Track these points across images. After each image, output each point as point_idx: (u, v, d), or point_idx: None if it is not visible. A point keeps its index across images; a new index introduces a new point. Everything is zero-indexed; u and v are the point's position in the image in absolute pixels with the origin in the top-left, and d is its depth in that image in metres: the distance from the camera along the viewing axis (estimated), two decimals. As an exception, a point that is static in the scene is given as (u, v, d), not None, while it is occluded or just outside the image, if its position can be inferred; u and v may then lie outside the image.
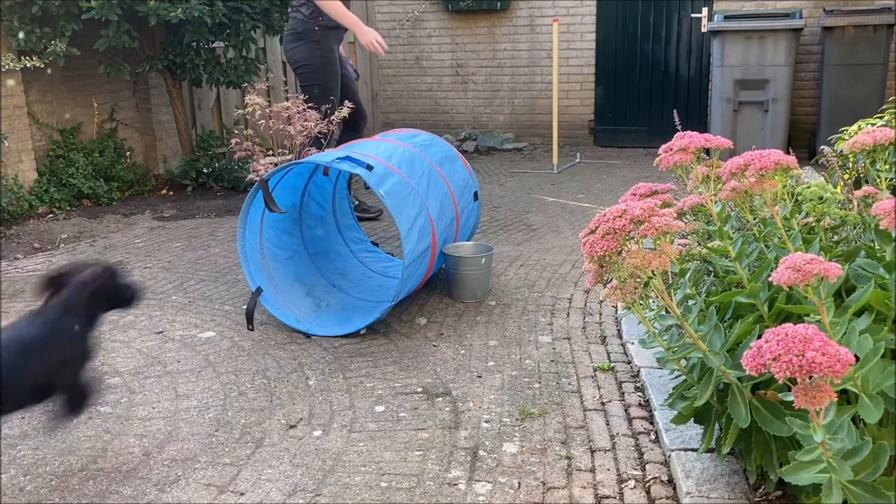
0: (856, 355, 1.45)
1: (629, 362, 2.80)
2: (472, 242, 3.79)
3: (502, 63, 7.93)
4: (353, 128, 4.84)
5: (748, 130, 6.39)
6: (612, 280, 1.79)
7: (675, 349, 1.90)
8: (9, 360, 1.83)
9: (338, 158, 3.01)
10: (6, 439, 2.34)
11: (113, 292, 2.11)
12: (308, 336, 3.09)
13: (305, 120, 4.80)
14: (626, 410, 2.45)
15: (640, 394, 2.55)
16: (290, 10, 4.75)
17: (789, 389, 1.35)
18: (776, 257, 1.84)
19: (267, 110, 5.39)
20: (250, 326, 3.16)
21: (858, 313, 1.64)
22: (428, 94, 8.23)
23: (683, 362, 1.99)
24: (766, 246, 1.98)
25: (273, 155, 5.50)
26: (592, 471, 2.11)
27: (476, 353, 2.91)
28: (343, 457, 2.21)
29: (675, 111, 4.78)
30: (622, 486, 2.04)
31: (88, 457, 2.23)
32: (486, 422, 2.39)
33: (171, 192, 6.02)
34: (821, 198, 1.90)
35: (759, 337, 1.36)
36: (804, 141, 6.92)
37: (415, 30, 8.05)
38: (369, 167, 3.00)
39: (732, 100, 6.39)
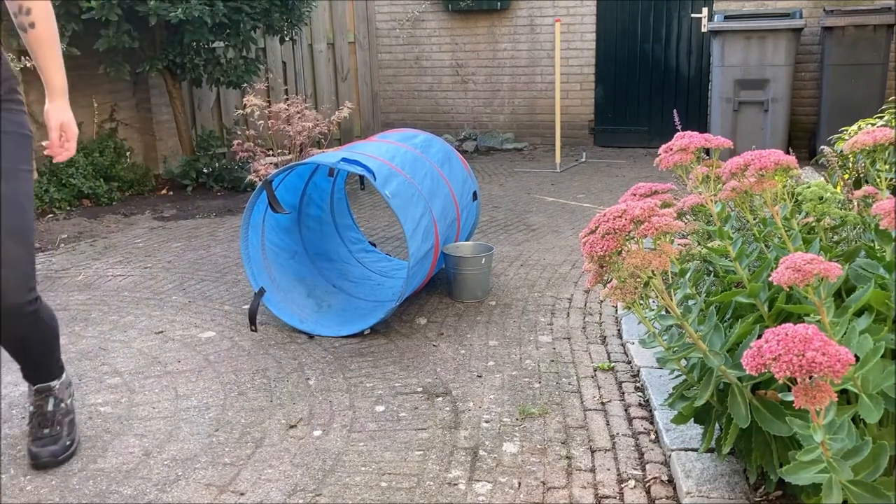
0: (856, 355, 1.45)
1: (629, 362, 2.80)
2: (472, 242, 3.79)
3: (502, 63, 7.93)
4: None
5: (748, 130, 6.39)
6: (612, 280, 1.79)
7: (675, 349, 1.90)
8: None
9: (342, 160, 3.01)
10: (6, 439, 2.34)
11: None
12: (311, 336, 3.09)
13: (305, 120, 4.80)
14: (626, 410, 2.45)
15: (640, 394, 2.55)
16: None
17: (789, 389, 1.35)
18: (776, 257, 1.84)
19: (266, 111, 5.40)
20: (253, 327, 3.16)
21: (858, 313, 1.64)
22: (428, 94, 8.23)
23: (683, 362, 1.99)
24: (766, 246, 1.98)
25: (273, 155, 5.51)
26: (592, 471, 2.11)
27: (476, 353, 2.91)
28: (343, 457, 2.21)
29: (675, 111, 4.79)
30: (622, 486, 2.04)
31: (88, 457, 2.23)
32: (486, 422, 2.39)
33: (171, 192, 6.02)
34: (821, 198, 1.90)
35: (759, 337, 1.36)
36: (804, 141, 6.92)
37: (415, 30, 8.05)
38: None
39: (732, 100, 6.39)
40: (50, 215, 5.22)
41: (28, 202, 2.02)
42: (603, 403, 2.50)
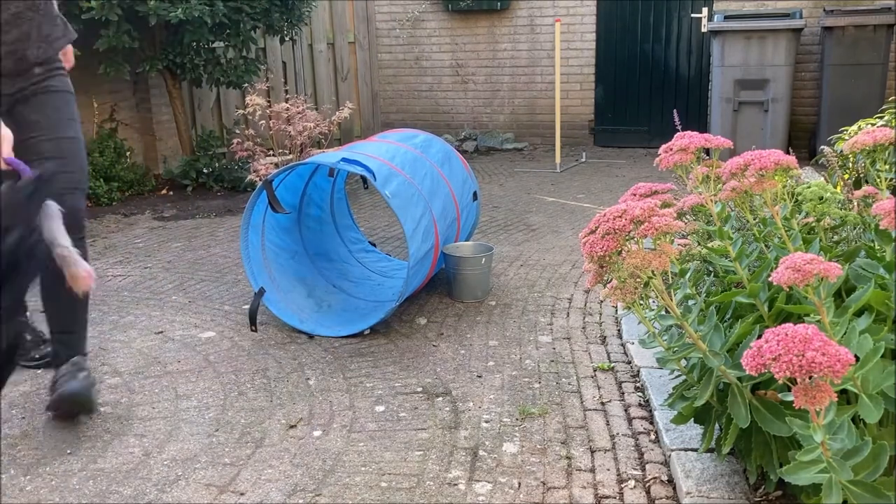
0: (856, 355, 1.45)
1: (629, 362, 2.80)
2: (472, 242, 3.79)
3: (502, 63, 7.93)
4: None
5: (748, 130, 6.39)
6: (612, 280, 1.79)
7: (675, 349, 1.90)
8: None
9: (343, 160, 3.01)
10: (6, 439, 2.34)
11: None
12: (311, 336, 3.09)
13: (305, 120, 4.80)
14: (626, 410, 2.45)
15: (640, 394, 2.55)
16: None
17: (789, 389, 1.35)
18: (776, 257, 1.84)
19: (267, 111, 5.40)
20: (253, 327, 3.16)
21: (858, 313, 1.64)
22: (428, 94, 8.23)
23: (683, 362, 1.99)
24: (766, 246, 1.98)
25: (273, 155, 5.51)
26: (592, 471, 2.11)
27: (476, 353, 2.91)
28: (343, 457, 2.21)
29: (675, 111, 4.78)
30: (622, 486, 2.04)
31: (88, 457, 2.23)
32: (486, 422, 2.39)
33: (171, 192, 6.02)
34: (821, 198, 1.90)
35: (759, 337, 1.36)
36: (804, 141, 6.92)
37: (415, 30, 8.05)
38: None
39: (732, 100, 6.39)
40: (50, 215, 5.21)
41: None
42: (603, 403, 2.50)
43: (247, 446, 2.28)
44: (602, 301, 3.44)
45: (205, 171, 6.08)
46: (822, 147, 3.11)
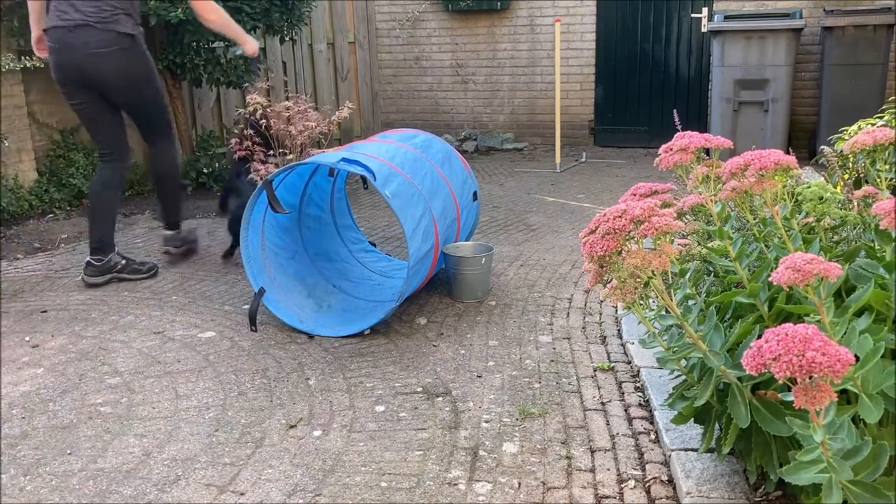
0: (856, 355, 1.45)
1: (629, 362, 2.80)
2: (472, 242, 3.79)
3: (502, 63, 7.93)
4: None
5: (748, 130, 6.39)
6: (612, 280, 1.79)
7: (675, 349, 1.90)
8: None
9: (343, 160, 3.01)
10: (6, 439, 2.34)
11: None
12: (311, 336, 3.09)
13: (307, 120, 4.79)
14: (626, 410, 2.45)
15: (640, 394, 2.55)
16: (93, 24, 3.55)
17: (789, 389, 1.35)
18: (776, 257, 1.84)
19: (268, 110, 5.39)
20: (253, 327, 3.16)
21: (858, 313, 1.64)
22: (428, 94, 8.24)
23: (683, 362, 1.99)
24: (766, 246, 1.98)
25: (273, 155, 5.50)
26: (592, 471, 2.11)
27: (476, 353, 2.91)
28: (343, 457, 2.21)
29: (675, 111, 4.78)
30: (622, 486, 2.04)
31: (88, 457, 2.23)
32: (486, 422, 2.39)
33: (171, 192, 6.01)
34: (821, 198, 1.90)
35: (759, 337, 1.36)
36: (804, 141, 6.92)
37: (415, 30, 8.05)
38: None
39: (732, 100, 6.39)
40: (50, 215, 5.22)
41: None
42: (603, 403, 2.50)
43: (247, 446, 2.28)
44: (602, 301, 3.44)
45: (205, 171, 6.08)
46: (822, 147, 3.11)
